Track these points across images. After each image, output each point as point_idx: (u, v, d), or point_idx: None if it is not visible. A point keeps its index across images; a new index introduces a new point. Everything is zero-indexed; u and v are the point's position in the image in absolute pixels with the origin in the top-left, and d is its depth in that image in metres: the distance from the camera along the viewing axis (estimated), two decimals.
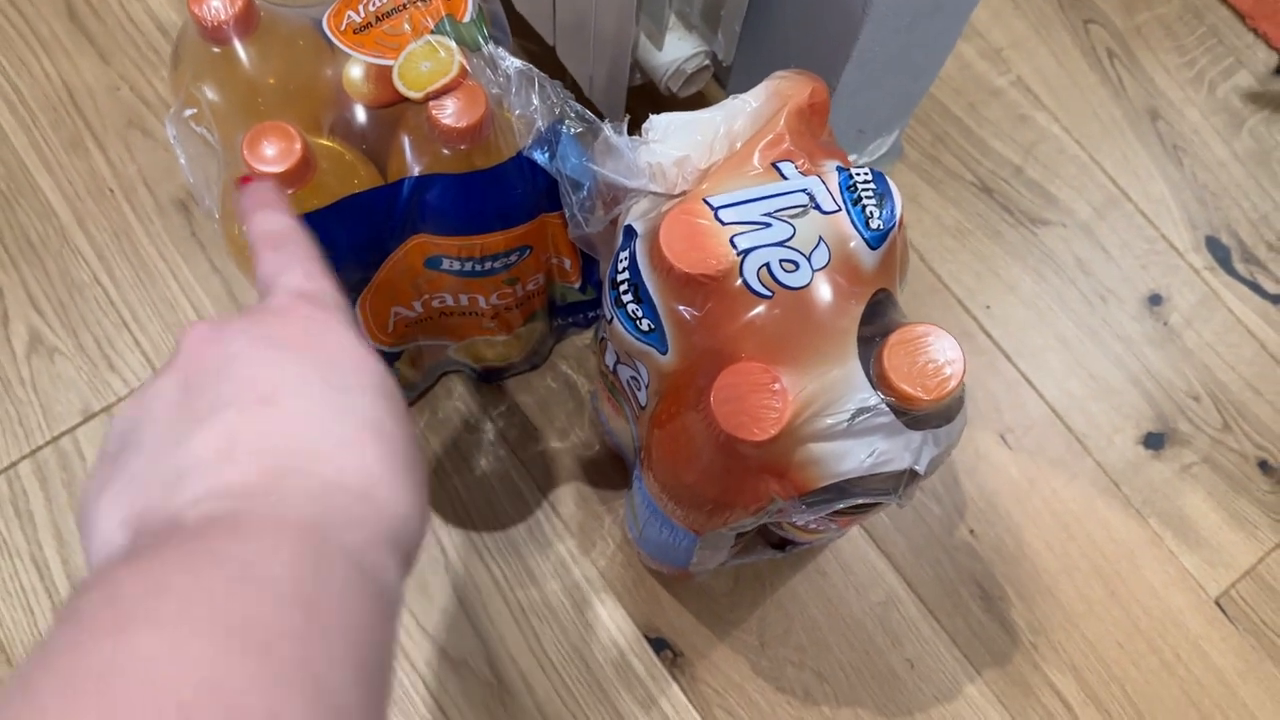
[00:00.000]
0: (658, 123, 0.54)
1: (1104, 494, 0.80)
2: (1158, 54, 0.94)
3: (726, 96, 0.56)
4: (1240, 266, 0.87)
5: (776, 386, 0.48)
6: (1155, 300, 0.86)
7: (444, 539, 0.75)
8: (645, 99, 0.74)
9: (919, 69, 0.73)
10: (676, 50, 0.69)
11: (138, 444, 0.30)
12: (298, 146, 0.46)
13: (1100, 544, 0.78)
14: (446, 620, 0.73)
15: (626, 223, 0.54)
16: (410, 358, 0.69)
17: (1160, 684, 0.75)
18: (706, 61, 0.70)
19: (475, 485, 0.76)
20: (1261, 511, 0.80)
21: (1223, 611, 0.77)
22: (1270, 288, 0.87)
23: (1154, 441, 0.81)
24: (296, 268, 0.36)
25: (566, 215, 0.56)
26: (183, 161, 0.53)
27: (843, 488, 0.50)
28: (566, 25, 0.71)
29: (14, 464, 0.75)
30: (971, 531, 0.78)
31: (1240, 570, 0.78)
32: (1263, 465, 0.81)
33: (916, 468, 0.50)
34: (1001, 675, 0.74)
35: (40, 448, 0.75)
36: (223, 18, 0.49)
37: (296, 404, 0.30)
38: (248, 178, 0.47)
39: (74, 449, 0.75)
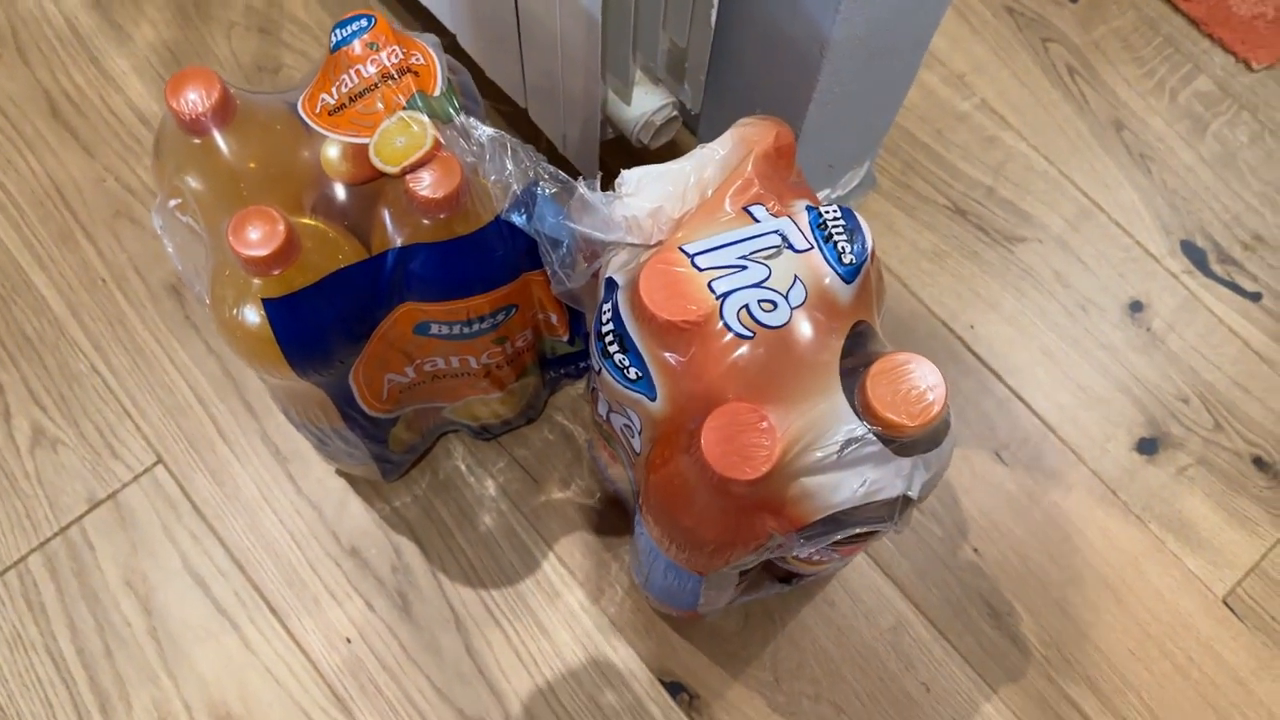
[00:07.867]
0: (629, 177, 0.56)
1: (1102, 502, 0.80)
2: (1117, 66, 0.96)
3: (699, 145, 0.57)
4: (1217, 268, 0.89)
5: (764, 425, 0.49)
6: (1136, 307, 0.87)
7: (452, 598, 0.75)
8: (619, 153, 0.76)
9: (881, 104, 0.75)
10: (644, 104, 0.71)
11: None
12: (281, 228, 0.48)
13: (1103, 552, 0.79)
14: (461, 680, 0.73)
15: (607, 275, 0.56)
16: (407, 421, 0.70)
17: (1175, 688, 0.75)
18: (675, 112, 0.72)
19: (480, 543, 0.77)
20: (1261, 508, 0.81)
21: (1231, 610, 0.77)
22: (1248, 286, 0.88)
23: (1147, 447, 0.82)
24: None
25: (548, 272, 0.57)
26: (170, 250, 0.55)
27: (839, 519, 0.51)
28: (537, 88, 0.73)
29: (23, 558, 0.75)
30: (975, 550, 0.78)
31: (1244, 568, 0.79)
32: (1258, 462, 0.82)
33: (910, 493, 0.51)
34: (1017, 691, 0.74)
35: (49, 540, 0.76)
36: (200, 110, 0.51)
37: None
38: None
39: (81, 539, 0.76)
